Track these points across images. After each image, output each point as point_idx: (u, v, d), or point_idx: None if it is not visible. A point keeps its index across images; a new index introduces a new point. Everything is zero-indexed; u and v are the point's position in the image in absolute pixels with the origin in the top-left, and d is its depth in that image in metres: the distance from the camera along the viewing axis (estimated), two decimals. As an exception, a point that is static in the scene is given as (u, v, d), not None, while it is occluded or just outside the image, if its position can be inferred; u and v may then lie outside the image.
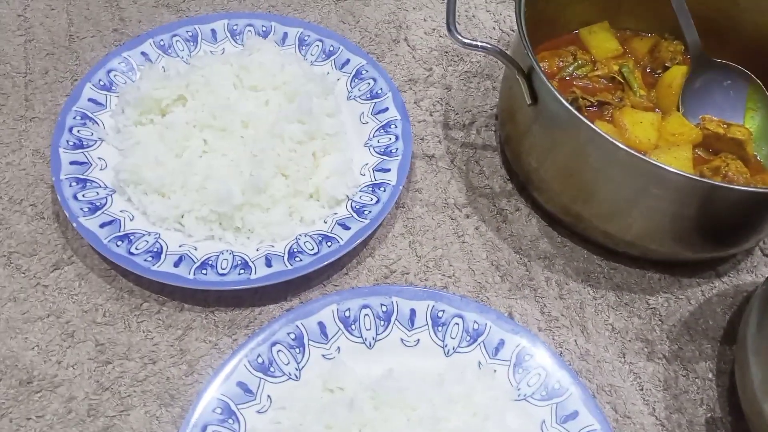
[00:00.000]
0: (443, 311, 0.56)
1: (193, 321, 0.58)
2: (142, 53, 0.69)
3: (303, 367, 0.53)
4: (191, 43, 0.71)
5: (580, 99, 0.69)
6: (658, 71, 0.74)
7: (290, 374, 0.53)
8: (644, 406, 0.57)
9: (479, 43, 0.58)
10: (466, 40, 0.58)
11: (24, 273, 0.59)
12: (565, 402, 0.53)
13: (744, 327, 0.54)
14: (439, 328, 0.56)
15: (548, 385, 0.53)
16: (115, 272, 0.60)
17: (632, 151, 0.53)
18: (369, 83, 0.69)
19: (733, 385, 0.56)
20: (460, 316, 0.56)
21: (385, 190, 0.62)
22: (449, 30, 0.58)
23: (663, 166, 0.53)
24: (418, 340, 0.55)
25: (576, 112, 0.55)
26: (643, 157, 0.53)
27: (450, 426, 0.50)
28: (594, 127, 0.54)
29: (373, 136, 0.67)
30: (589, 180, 0.60)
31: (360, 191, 0.63)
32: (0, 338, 0.56)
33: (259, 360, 0.52)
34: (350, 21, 0.80)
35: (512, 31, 0.81)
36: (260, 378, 0.52)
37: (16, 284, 0.59)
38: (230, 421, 0.50)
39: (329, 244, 0.59)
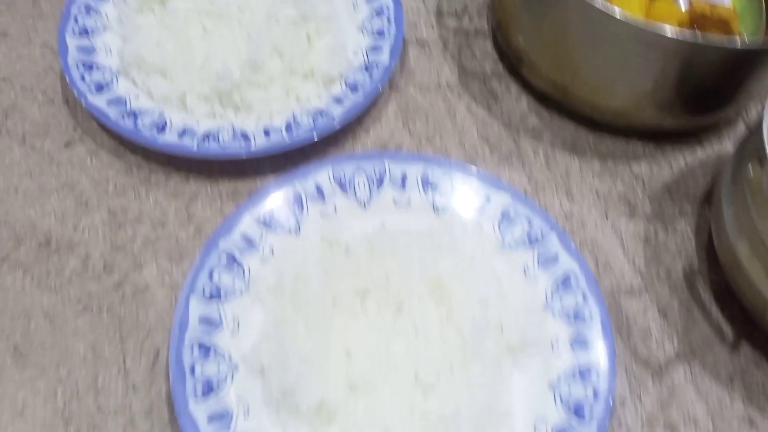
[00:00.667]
0: (432, 172, 0.59)
1: (199, 190, 0.62)
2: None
3: (302, 222, 0.57)
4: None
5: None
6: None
7: (290, 229, 0.57)
8: (624, 258, 0.60)
9: None
10: None
11: (38, 151, 0.63)
12: (546, 248, 0.56)
13: (721, 177, 0.57)
14: (429, 189, 0.59)
15: (531, 234, 0.57)
16: (123, 148, 0.64)
17: (614, 15, 0.55)
18: (362, -31, 0.72)
19: (711, 240, 0.59)
20: (449, 177, 0.59)
21: (378, 68, 0.65)
22: None
23: (646, 26, 0.55)
24: (410, 199, 0.59)
25: None
26: (627, 20, 0.56)
27: (439, 268, 0.54)
28: None
29: (366, 20, 0.69)
30: (576, 51, 0.62)
31: (354, 70, 0.66)
32: (19, 207, 0.60)
33: (262, 215, 0.56)
34: None
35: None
36: (262, 231, 0.56)
37: (31, 161, 0.63)
38: (235, 267, 0.54)
39: (324, 118, 0.62)
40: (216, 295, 0.52)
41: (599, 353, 0.51)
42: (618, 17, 0.56)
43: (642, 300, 0.58)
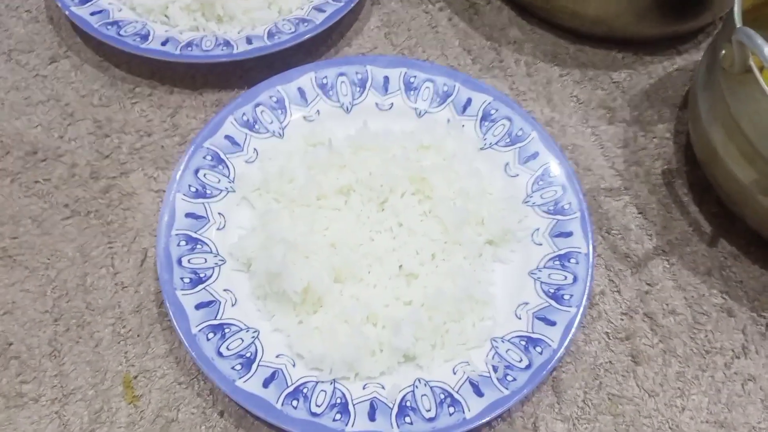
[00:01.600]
0: (415, 76, 0.60)
1: (183, 101, 0.62)
2: None
3: (286, 126, 0.58)
4: None
5: None
6: None
7: (274, 131, 0.57)
8: (604, 161, 0.61)
9: None
10: None
11: (23, 66, 0.63)
12: (526, 145, 0.57)
13: (697, 75, 0.58)
14: (411, 92, 0.60)
15: (512, 132, 0.58)
16: (107, 63, 0.64)
17: None
18: None
19: (690, 142, 0.60)
20: (431, 80, 0.60)
21: (356, -20, 0.65)
22: None
23: None
24: (392, 103, 0.60)
25: None
26: None
27: (422, 165, 0.55)
28: None
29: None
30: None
31: (334, -19, 0.66)
32: (5, 119, 0.60)
33: (245, 118, 0.57)
34: None
35: None
36: (246, 133, 0.56)
37: (17, 75, 0.63)
38: (220, 167, 0.55)
39: (306, 25, 0.62)
40: (202, 193, 0.53)
41: (578, 241, 0.52)
42: None
43: (621, 199, 0.60)
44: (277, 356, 0.48)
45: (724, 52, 0.50)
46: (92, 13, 0.62)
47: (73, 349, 0.51)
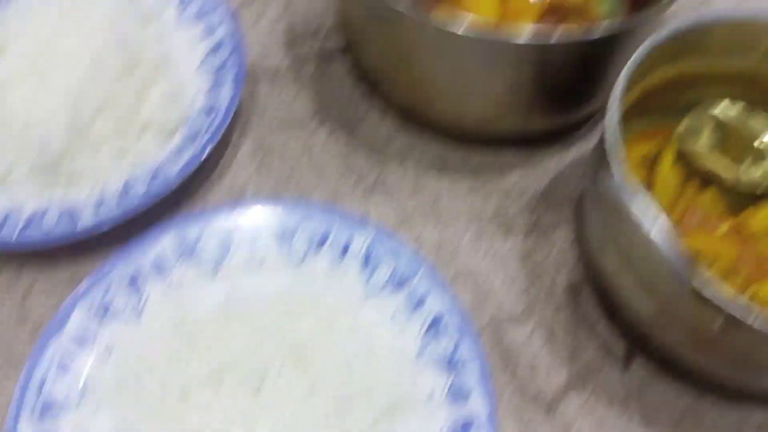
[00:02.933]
0: (288, 221, 0.55)
1: (35, 280, 0.56)
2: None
3: (143, 306, 0.51)
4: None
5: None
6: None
7: (129, 316, 0.51)
8: (503, 283, 0.57)
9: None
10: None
11: None
12: (414, 289, 0.52)
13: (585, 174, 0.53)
14: (285, 241, 0.54)
15: (398, 274, 0.53)
16: (-54, 244, 0.57)
17: (452, 29, 0.51)
18: (198, 4, 0.66)
19: (592, 248, 0.56)
20: (306, 223, 0.54)
21: (217, 116, 0.59)
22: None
23: (484, 36, 0.51)
24: (264, 256, 0.54)
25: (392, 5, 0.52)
26: (465, 33, 0.51)
27: (300, 331, 0.49)
28: (412, 14, 0.51)
29: (205, 59, 0.63)
30: (425, 68, 0.57)
31: (193, 117, 0.60)
32: None
33: (94, 304, 0.51)
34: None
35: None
36: (97, 324, 0.50)
37: None
38: (68, 374, 0.48)
39: (161, 178, 0.56)
40: (48, 409, 0.47)
41: (478, 403, 0.48)
42: (455, 31, 0.51)
43: (526, 327, 0.55)
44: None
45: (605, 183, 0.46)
46: None
47: None
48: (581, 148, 0.64)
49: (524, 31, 0.52)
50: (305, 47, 0.69)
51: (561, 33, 0.55)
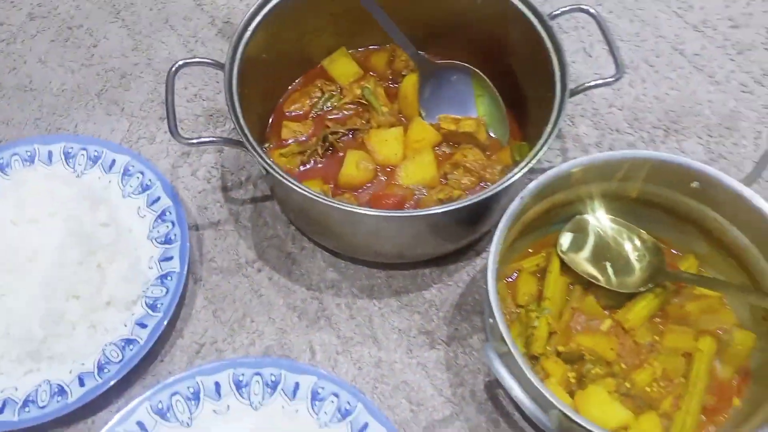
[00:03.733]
0: (243, 374, 0.65)
1: (35, 449, 0.65)
2: None
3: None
4: (-36, 190, 0.75)
5: (329, 135, 0.77)
6: (399, 82, 0.82)
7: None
8: (433, 390, 0.68)
9: (204, 139, 0.66)
10: (193, 140, 0.65)
11: None
12: (356, 418, 0.63)
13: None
14: (243, 390, 0.64)
15: (341, 407, 0.63)
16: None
17: (337, 205, 0.61)
18: (138, 177, 0.76)
19: (502, 348, 0.67)
20: (259, 374, 0.65)
21: (171, 279, 0.69)
22: (172, 133, 0.64)
23: (366, 211, 0.61)
24: (228, 405, 0.64)
25: (281, 176, 0.61)
26: (350, 208, 0.61)
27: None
28: (303, 190, 0.61)
29: (153, 227, 0.73)
30: (334, 227, 0.68)
31: (151, 285, 0.70)
32: None
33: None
34: (116, 111, 0.85)
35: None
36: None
37: None
38: None
39: (131, 347, 0.66)
40: None
41: None
42: (359, 212, 0.61)
43: (455, 426, 0.66)
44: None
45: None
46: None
47: None
48: (484, 258, 0.75)
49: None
50: (241, 195, 0.79)
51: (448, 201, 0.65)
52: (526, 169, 0.62)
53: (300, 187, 0.61)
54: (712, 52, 0.89)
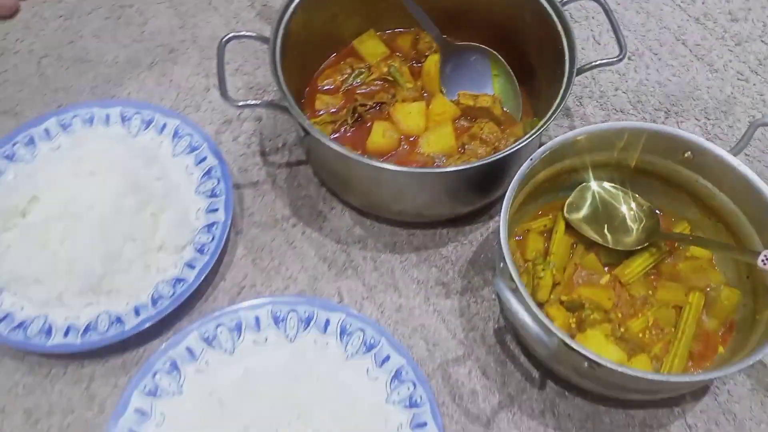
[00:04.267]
0: (280, 310, 0.73)
1: (94, 371, 0.73)
2: (-8, 166, 0.82)
3: (182, 383, 0.70)
4: (31, 146, 0.83)
5: (358, 107, 0.85)
6: (422, 61, 0.91)
7: (174, 392, 0.69)
8: (448, 333, 0.76)
9: (250, 102, 0.74)
10: (240, 103, 0.73)
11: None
12: (380, 350, 0.71)
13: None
14: (280, 324, 0.73)
15: (366, 341, 0.71)
16: (22, 353, 0.74)
17: (366, 161, 0.69)
18: (187, 139, 0.84)
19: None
20: (294, 310, 0.73)
21: (217, 228, 0.78)
22: (223, 96, 0.73)
23: (391, 167, 0.69)
24: (266, 337, 0.72)
25: (320, 136, 0.70)
26: (377, 164, 0.69)
27: (300, 391, 0.68)
28: (336, 147, 0.69)
29: (200, 183, 0.82)
30: (362, 184, 0.76)
31: (199, 233, 0.78)
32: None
33: (147, 387, 0.69)
34: (164, 82, 0.94)
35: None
36: (150, 401, 0.68)
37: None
38: (132, 436, 0.66)
39: (181, 284, 0.74)
40: None
41: (432, 429, 0.66)
42: (386, 168, 0.69)
43: (466, 365, 0.74)
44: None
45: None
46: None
47: None
48: (497, 221, 0.82)
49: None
50: (277, 159, 0.87)
51: (471, 158, 0.74)
52: (536, 135, 0.70)
53: (334, 145, 0.70)
54: (712, 42, 0.96)
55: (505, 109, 0.86)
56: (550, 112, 0.71)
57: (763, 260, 0.64)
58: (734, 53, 0.95)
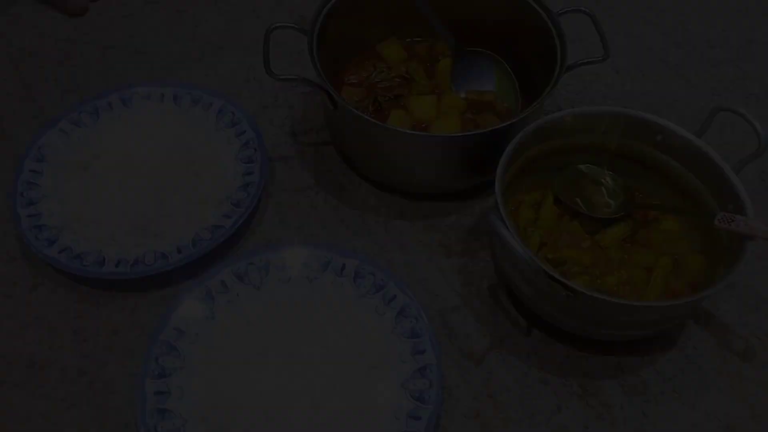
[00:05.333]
0: (303, 254, 0.84)
1: (137, 302, 0.84)
2: (60, 130, 0.95)
3: (215, 310, 0.80)
4: (94, 115, 0.97)
5: (379, 97, 0.99)
6: (436, 63, 1.04)
7: (207, 317, 0.80)
8: (447, 286, 0.86)
9: (291, 76, 0.87)
10: (282, 76, 0.87)
11: (9, 297, 0.84)
12: (388, 290, 0.81)
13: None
14: (303, 266, 0.84)
15: (376, 282, 0.82)
16: (75, 283, 0.85)
17: (385, 125, 0.82)
18: (230, 115, 0.97)
19: (504, 261, 0.86)
20: (315, 254, 0.84)
21: (252, 187, 0.90)
22: (267, 71, 0.86)
23: (407, 131, 0.82)
24: (290, 277, 0.83)
25: (354, 110, 0.83)
26: (404, 130, 0.83)
27: (318, 321, 0.78)
28: (360, 113, 0.82)
29: (240, 151, 0.94)
30: (380, 153, 0.89)
31: (236, 190, 0.90)
32: (4, 341, 0.81)
33: (184, 311, 0.79)
34: (211, 73, 1.08)
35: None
36: (187, 322, 0.79)
37: (7, 305, 0.84)
38: (173, 352, 0.76)
39: (219, 230, 0.86)
40: (162, 374, 0.75)
41: (432, 356, 0.76)
42: (401, 131, 0.82)
43: (462, 313, 0.84)
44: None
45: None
46: (60, 251, 0.84)
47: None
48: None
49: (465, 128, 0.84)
50: (305, 140, 1.00)
51: (482, 124, 0.87)
52: (527, 113, 0.83)
53: (357, 112, 0.82)
54: (691, 63, 1.10)
55: (505, 104, 0.99)
56: (544, 93, 0.84)
57: (719, 220, 0.75)
58: (710, 73, 1.09)
